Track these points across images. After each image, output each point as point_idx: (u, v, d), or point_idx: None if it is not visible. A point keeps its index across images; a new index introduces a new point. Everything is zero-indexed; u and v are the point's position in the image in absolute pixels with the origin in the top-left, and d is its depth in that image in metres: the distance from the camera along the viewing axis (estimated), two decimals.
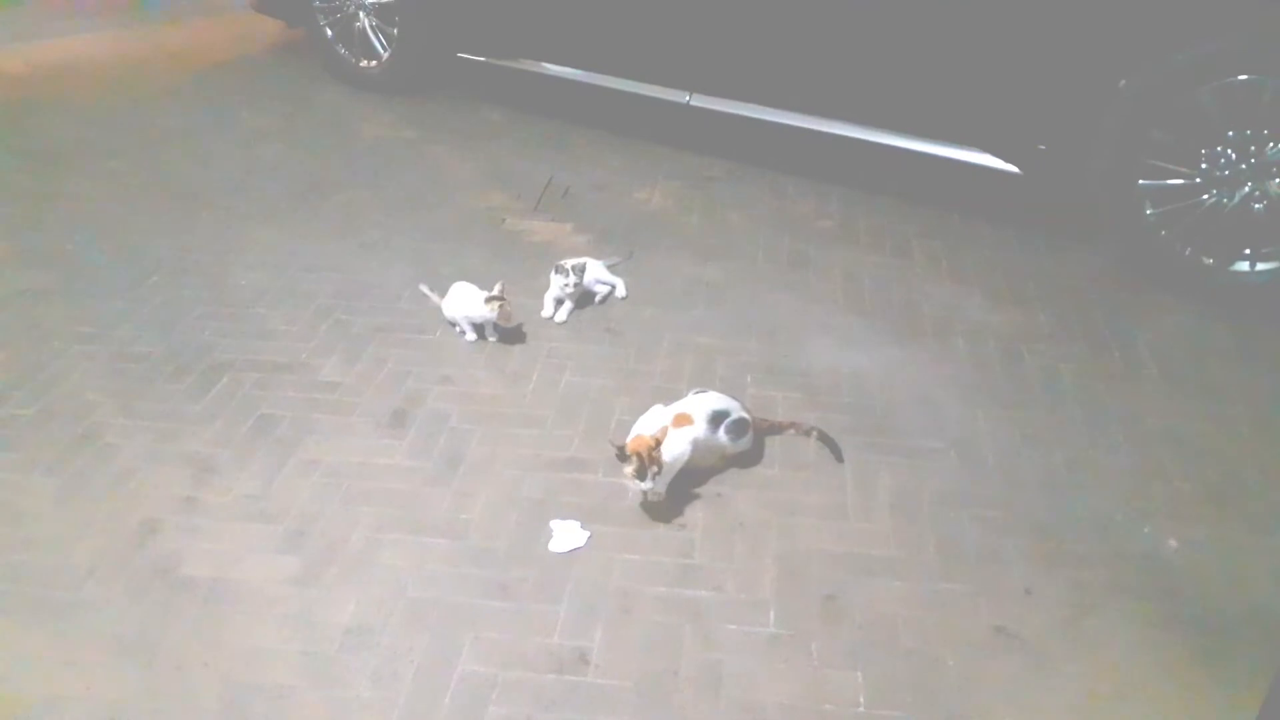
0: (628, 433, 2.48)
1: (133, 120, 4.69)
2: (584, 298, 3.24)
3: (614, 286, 3.31)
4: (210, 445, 2.62)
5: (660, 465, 2.33)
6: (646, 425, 2.47)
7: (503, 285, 2.98)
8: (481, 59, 4.70)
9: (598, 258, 3.36)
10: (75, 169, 4.18)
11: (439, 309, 3.11)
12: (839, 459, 2.61)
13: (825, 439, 2.65)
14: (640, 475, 2.32)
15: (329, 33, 5.03)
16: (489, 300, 2.95)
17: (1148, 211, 3.27)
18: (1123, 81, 3.16)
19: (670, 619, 2.15)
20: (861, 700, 1.98)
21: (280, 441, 2.63)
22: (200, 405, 2.77)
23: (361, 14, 4.88)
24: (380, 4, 4.79)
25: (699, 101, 4.11)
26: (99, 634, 2.09)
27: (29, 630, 2.10)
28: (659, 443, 2.35)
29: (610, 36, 4.29)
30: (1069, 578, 2.27)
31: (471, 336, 3.05)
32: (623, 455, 2.34)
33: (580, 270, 3.13)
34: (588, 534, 2.35)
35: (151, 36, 5.89)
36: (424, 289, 3.17)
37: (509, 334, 3.04)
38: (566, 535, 2.35)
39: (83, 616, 2.13)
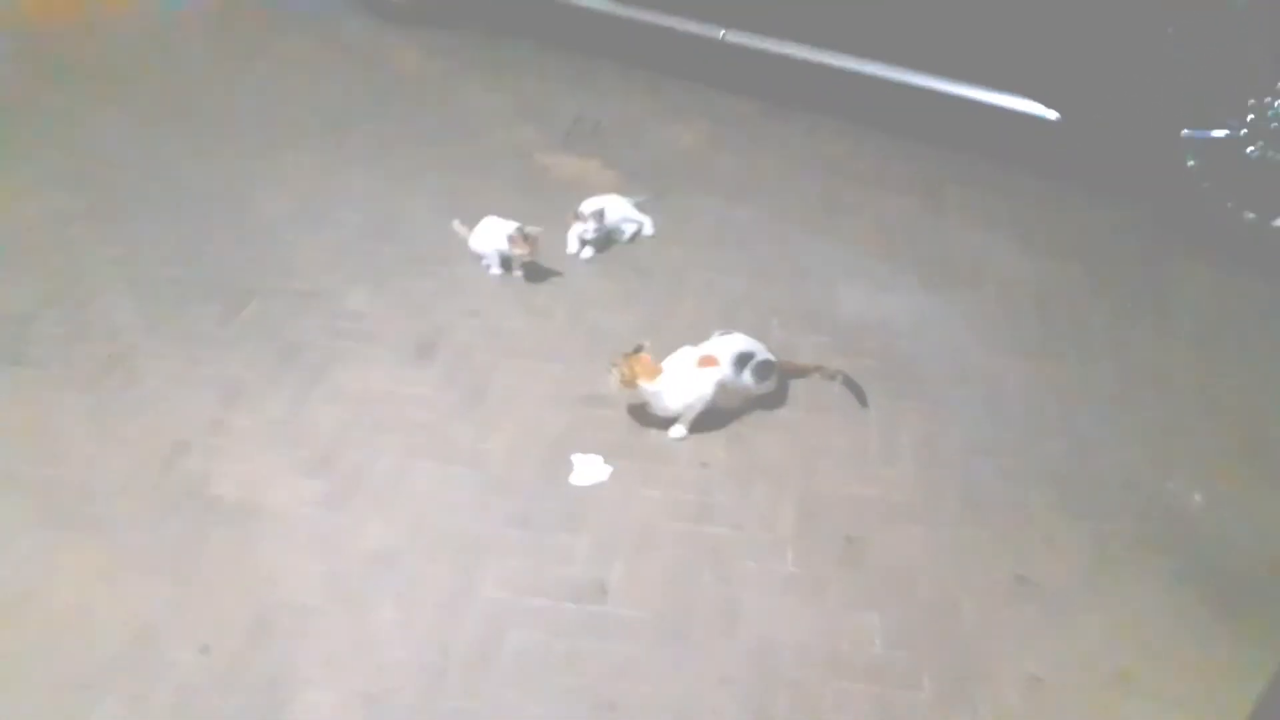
0: None
1: (164, 45, 4.66)
2: (612, 235, 3.21)
3: (641, 225, 3.28)
4: (238, 369, 2.64)
5: (627, 385, 2.39)
6: (674, 365, 2.46)
7: (539, 231, 2.96)
8: None
9: (625, 195, 3.32)
10: (104, 93, 4.16)
11: (466, 242, 3.10)
12: (863, 404, 2.60)
13: (850, 384, 2.63)
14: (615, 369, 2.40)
15: None
16: (517, 233, 2.93)
17: (1190, 163, 3.20)
18: (1170, 28, 3.06)
19: (689, 554, 2.17)
20: (877, 642, 2.00)
21: (308, 368, 2.65)
22: (228, 330, 2.78)
23: None
24: None
25: (733, 37, 4.02)
26: (130, 549, 2.13)
27: (61, 543, 2.14)
28: (651, 375, 2.39)
29: None
30: (1091, 529, 2.26)
31: (498, 271, 3.04)
32: (635, 352, 2.40)
33: (600, 215, 3.10)
34: (610, 469, 2.37)
35: None
36: (456, 225, 3.14)
37: (535, 269, 3.03)
38: (588, 469, 2.36)
39: (114, 532, 2.17)
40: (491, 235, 3.01)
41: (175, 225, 3.25)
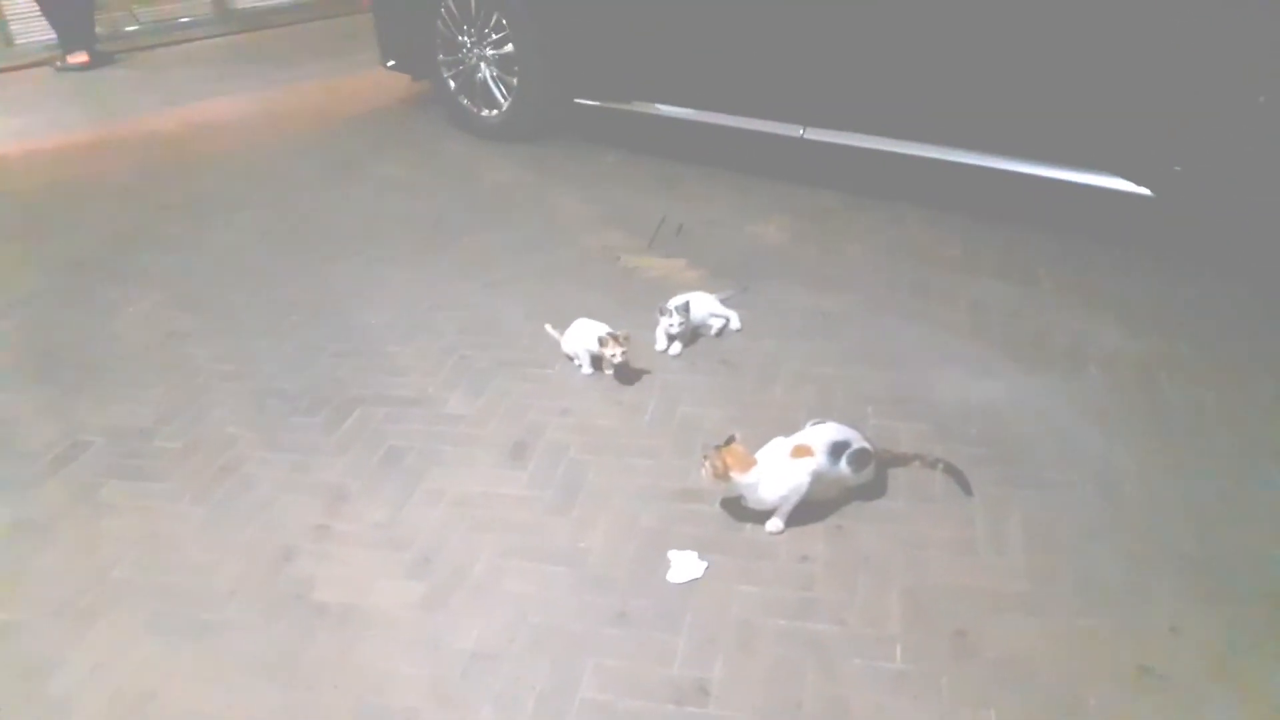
0: None
1: (273, 173, 4.99)
2: (699, 330, 3.24)
3: (729, 319, 3.30)
4: (343, 475, 2.72)
5: (720, 477, 2.37)
6: (768, 456, 2.44)
7: (627, 335, 3.00)
8: (596, 103, 4.81)
9: (711, 292, 3.36)
10: (220, 220, 4.45)
11: (558, 344, 3.17)
12: (967, 492, 2.52)
13: (952, 471, 2.57)
14: (707, 462, 2.39)
15: (452, 85, 5.25)
16: (609, 336, 2.98)
17: None
18: (1262, 98, 3.01)
19: (792, 652, 2.11)
20: None
21: (408, 472, 2.71)
22: (334, 438, 2.88)
23: (483, 65, 5.08)
24: (500, 55, 4.97)
25: (813, 134, 4.10)
26: (239, 654, 2.18)
27: (176, 648, 2.20)
28: (745, 467, 2.37)
29: (722, 75, 4.33)
30: (1221, 616, 2.12)
31: (589, 370, 3.09)
32: (727, 444, 2.39)
33: (684, 309, 3.13)
34: (705, 564, 2.34)
35: (290, 96, 6.28)
36: (549, 328, 3.23)
37: (625, 369, 3.05)
38: (684, 565, 2.33)
39: (224, 637, 2.23)
40: (582, 336, 3.07)
41: (285, 341, 3.40)
